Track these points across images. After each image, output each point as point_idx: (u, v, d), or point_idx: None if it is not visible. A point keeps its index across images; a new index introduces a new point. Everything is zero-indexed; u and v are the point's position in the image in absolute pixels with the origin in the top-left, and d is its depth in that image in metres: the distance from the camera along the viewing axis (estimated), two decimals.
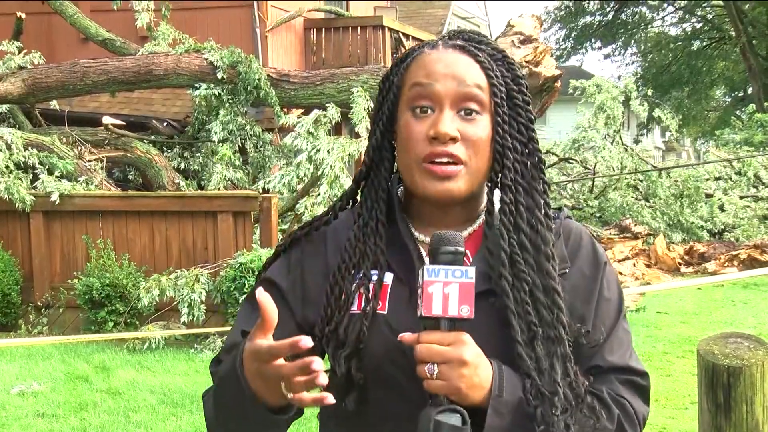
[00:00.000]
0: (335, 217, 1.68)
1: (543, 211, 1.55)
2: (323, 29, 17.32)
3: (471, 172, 1.54)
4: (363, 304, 1.54)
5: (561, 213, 1.66)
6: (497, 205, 1.57)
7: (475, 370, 1.41)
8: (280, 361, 1.34)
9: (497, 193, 1.58)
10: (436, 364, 1.39)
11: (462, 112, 1.53)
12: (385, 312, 1.54)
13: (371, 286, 1.55)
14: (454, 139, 1.52)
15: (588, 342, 1.55)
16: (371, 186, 1.64)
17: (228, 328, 9.05)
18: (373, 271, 1.57)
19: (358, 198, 1.68)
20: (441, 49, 1.58)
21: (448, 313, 1.39)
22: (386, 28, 17.20)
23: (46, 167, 10.51)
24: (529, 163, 1.58)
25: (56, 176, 10.36)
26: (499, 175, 1.56)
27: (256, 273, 1.36)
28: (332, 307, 1.56)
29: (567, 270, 1.58)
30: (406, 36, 17.99)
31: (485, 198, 1.63)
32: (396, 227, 1.61)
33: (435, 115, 1.53)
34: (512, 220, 1.54)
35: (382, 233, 1.59)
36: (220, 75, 11.39)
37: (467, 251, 1.52)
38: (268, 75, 11.75)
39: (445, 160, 1.52)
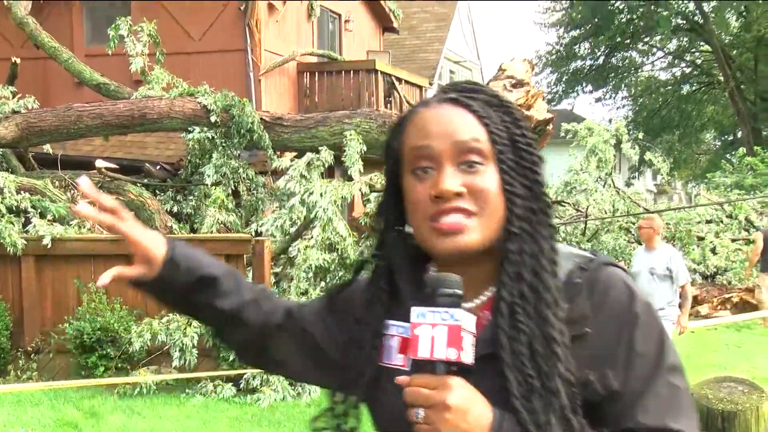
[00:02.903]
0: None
1: (547, 257, 1.50)
2: (316, 73, 17.43)
3: (484, 223, 1.49)
4: (384, 357, 1.58)
5: (593, 261, 1.55)
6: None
7: (463, 416, 1.37)
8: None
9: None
10: (422, 408, 1.37)
11: (464, 166, 1.50)
12: (406, 368, 1.52)
13: (392, 339, 1.57)
14: (459, 195, 1.48)
15: (603, 388, 1.46)
16: (386, 250, 1.64)
17: (221, 372, 9.02)
18: (393, 323, 1.59)
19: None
20: (433, 106, 1.55)
21: (434, 356, 1.38)
22: (379, 72, 17.31)
23: (39, 211, 10.46)
24: (535, 207, 1.53)
25: (48, 220, 10.32)
26: (508, 224, 1.51)
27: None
28: (358, 359, 1.59)
29: (587, 330, 1.48)
30: (399, 80, 18.11)
31: None
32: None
33: (435, 174, 1.50)
34: (515, 270, 1.48)
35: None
36: (213, 118, 11.41)
37: (484, 313, 1.51)
38: (262, 118, 11.78)
39: (453, 217, 1.48)
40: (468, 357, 1.39)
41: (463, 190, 1.48)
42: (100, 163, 11.70)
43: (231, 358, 8.76)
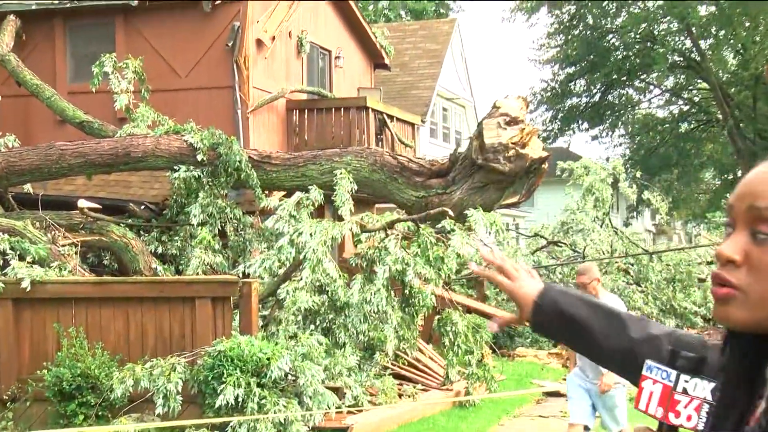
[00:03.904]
0: None
1: None
2: (306, 110, 17.23)
3: (752, 303, 1.34)
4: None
5: None
6: None
7: None
8: None
9: None
10: None
11: (761, 235, 1.36)
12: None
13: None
14: (732, 262, 1.36)
15: None
16: None
17: (206, 420, 8.72)
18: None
19: None
20: (766, 162, 1.42)
21: (648, 411, 1.45)
22: (370, 109, 17.13)
23: (18, 252, 10.22)
24: None
25: (28, 262, 10.10)
26: None
27: None
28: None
29: None
30: (391, 117, 17.92)
31: None
32: None
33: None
34: None
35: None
36: (200, 157, 11.24)
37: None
38: (250, 157, 11.63)
39: (721, 284, 1.39)
40: (687, 422, 1.40)
41: (737, 258, 1.36)
42: (82, 203, 11.44)
43: (216, 405, 8.50)
